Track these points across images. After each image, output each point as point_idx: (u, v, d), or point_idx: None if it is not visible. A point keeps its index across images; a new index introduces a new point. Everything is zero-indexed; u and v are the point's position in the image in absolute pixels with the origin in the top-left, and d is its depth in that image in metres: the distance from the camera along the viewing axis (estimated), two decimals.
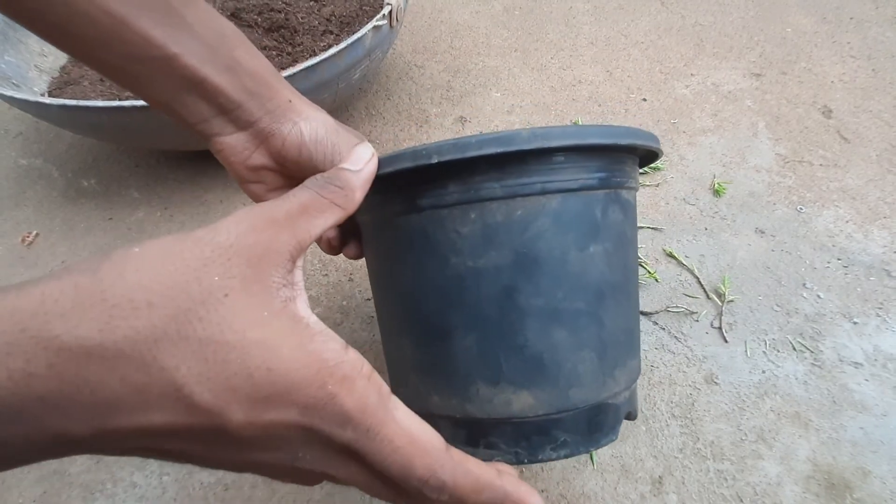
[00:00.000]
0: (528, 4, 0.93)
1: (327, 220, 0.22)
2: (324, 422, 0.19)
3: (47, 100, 0.46)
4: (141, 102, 0.45)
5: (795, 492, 0.40)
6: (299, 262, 0.21)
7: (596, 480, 0.41)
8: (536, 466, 0.42)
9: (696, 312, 0.50)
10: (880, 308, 0.49)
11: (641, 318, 0.50)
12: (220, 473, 0.43)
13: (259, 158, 0.30)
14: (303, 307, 0.20)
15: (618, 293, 0.28)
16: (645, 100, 0.73)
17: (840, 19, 0.86)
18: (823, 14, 0.87)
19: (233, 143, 0.29)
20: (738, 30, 0.85)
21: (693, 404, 0.44)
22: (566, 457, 0.27)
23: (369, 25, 0.54)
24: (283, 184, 0.32)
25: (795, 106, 0.71)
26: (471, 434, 0.28)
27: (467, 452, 0.23)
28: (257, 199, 0.33)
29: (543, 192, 0.25)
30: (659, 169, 0.63)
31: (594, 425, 0.28)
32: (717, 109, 0.71)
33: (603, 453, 0.42)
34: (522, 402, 0.26)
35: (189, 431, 0.17)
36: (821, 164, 0.63)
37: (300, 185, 0.23)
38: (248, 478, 0.42)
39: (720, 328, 0.49)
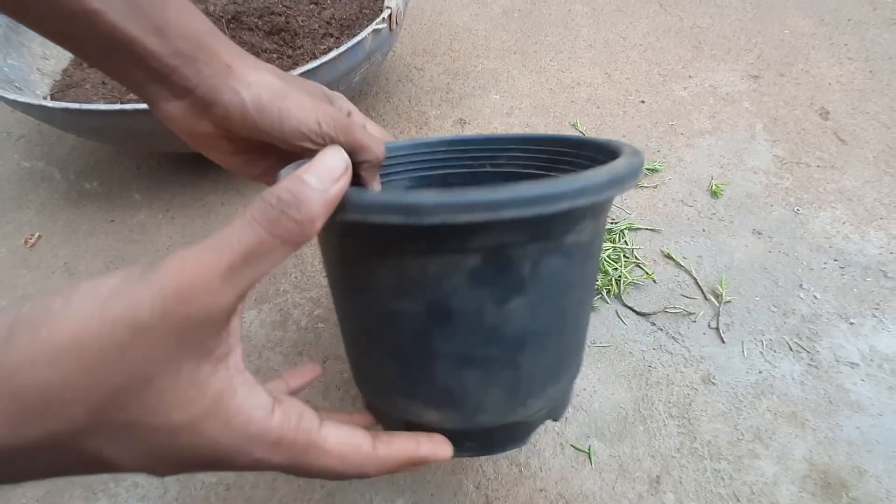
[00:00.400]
0: (526, 7, 0.94)
1: (275, 260, 0.18)
2: (258, 471, 0.21)
3: (50, 103, 0.46)
4: (143, 106, 0.46)
5: (792, 491, 0.40)
6: (239, 308, 0.19)
7: (594, 480, 0.41)
8: (535, 467, 0.42)
9: (694, 313, 0.50)
10: (876, 309, 0.50)
11: (639, 318, 0.50)
12: (222, 474, 0.43)
13: (206, 127, 0.28)
14: (234, 365, 0.20)
15: (544, 338, 0.27)
16: (643, 102, 0.74)
17: (838, 21, 0.86)
18: (821, 16, 0.88)
19: (175, 111, 0.27)
20: (735, 32, 0.85)
21: (690, 404, 0.45)
22: (471, 457, 0.32)
23: (369, 29, 0.54)
24: (238, 148, 0.30)
25: (793, 108, 0.71)
26: (392, 426, 0.31)
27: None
28: (219, 161, 0.31)
29: (460, 251, 0.23)
30: (657, 170, 0.64)
31: (501, 439, 0.30)
32: (714, 111, 0.72)
33: (601, 453, 0.43)
34: (432, 417, 0.28)
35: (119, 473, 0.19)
36: (818, 166, 0.64)
37: (245, 219, 0.18)
38: (249, 478, 0.43)
39: (717, 329, 0.49)
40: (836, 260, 0.54)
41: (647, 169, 0.64)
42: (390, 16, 0.57)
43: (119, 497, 0.42)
